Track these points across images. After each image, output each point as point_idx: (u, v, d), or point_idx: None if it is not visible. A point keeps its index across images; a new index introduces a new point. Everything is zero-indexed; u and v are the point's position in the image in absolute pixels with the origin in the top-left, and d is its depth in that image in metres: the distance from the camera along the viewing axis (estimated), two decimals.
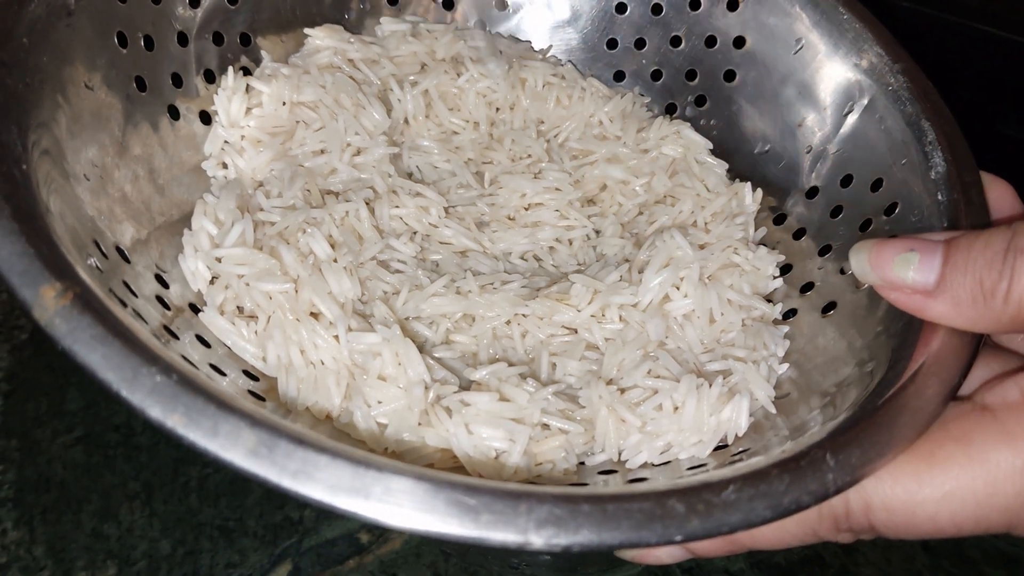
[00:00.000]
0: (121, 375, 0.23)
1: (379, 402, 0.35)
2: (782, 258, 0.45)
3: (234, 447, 0.23)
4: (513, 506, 0.23)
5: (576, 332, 0.41)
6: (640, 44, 0.53)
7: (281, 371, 0.35)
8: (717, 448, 0.36)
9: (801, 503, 0.26)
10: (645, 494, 0.25)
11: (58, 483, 0.46)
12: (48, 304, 0.24)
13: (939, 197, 0.37)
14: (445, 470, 0.34)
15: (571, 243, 0.47)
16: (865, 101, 0.43)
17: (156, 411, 0.23)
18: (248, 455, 0.23)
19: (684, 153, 0.49)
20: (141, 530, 0.44)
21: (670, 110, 0.53)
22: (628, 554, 0.35)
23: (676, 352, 0.40)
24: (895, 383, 0.31)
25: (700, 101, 0.52)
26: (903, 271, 0.31)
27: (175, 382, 0.23)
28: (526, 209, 0.47)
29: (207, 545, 0.44)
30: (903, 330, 0.34)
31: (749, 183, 0.48)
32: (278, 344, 0.35)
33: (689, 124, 0.50)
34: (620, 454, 0.37)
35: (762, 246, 0.45)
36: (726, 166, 0.49)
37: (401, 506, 0.23)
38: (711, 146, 0.50)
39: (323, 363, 0.35)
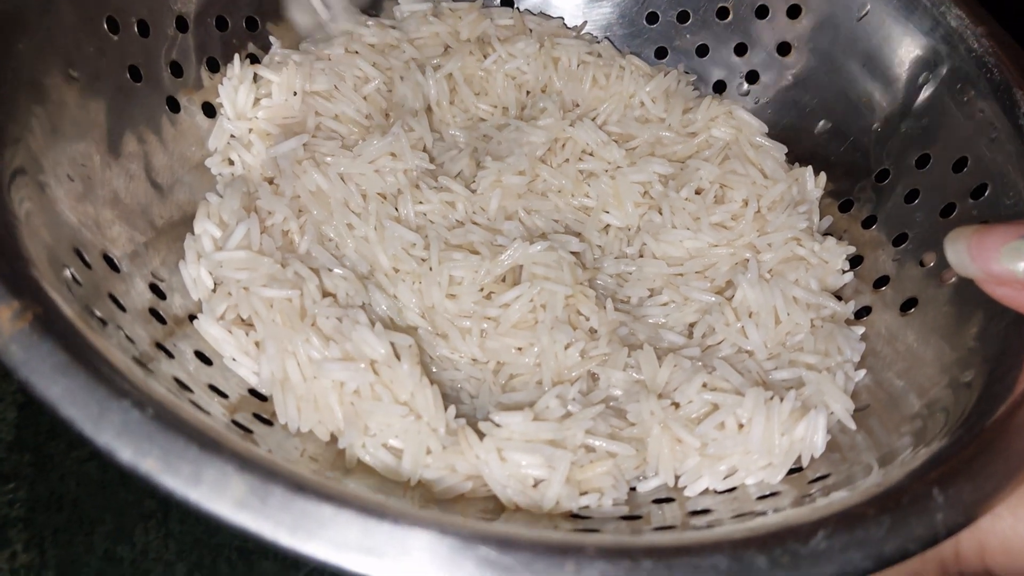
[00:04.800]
0: (86, 411, 0.19)
1: (388, 425, 0.31)
2: (852, 249, 0.40)
3: (220, 497, 0.19)
4: (558, 564, 0.19)
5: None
6: (683, 17, 0.48)
7: (276, 387, 0.31)
8: (790, 472, 0.31)
9: (907, 551, 0.22)
10: (717, 543, 0.21)
11: (71, 501, 0.44)
12: (3, 327, 0.20)
13: None
14: (477, 500, 0.30)
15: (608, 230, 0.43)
16: (943, 71, 0.39)
17: (126, 453, 0.19)
18: (236, 506, 0.19)
19: (736, 136, 0.45)
20: (156, 552, 0.42)
21: (719, 88, 0.49)
22: None
23: (735, 360, 0.35)
24: (1005, 398, 0.27)
25: (752, 78, 0.47)
26: (1012, 262, 0.27)
27: (150, 417, 0.20)
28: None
29: (225, 569, 0.42)
30: (1007, 332, 0.30)
31: (811, 167, 0.44)
32: (272, 357, 0.31)
33: (741, 104, 0.46)
34: (677, 479, 0.32)
35: (829, 236, 0.41)
36: (784, 149, 0.45)
37: (422, 567, 0.19)
38: (766, 128, 0.46)
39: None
